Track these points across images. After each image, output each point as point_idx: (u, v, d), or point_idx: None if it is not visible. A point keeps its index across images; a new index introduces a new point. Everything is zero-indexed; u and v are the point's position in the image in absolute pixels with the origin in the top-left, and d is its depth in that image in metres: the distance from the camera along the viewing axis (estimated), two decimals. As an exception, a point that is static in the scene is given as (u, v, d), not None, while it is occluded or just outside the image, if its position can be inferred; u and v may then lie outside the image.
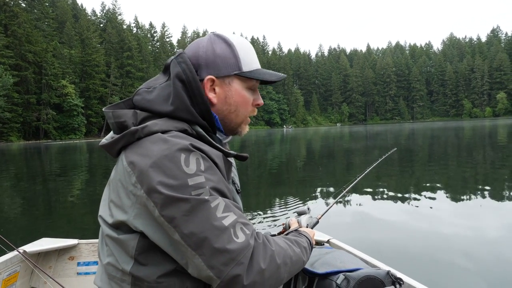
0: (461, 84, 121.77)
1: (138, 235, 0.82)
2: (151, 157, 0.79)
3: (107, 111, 0.92)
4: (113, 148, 0.89)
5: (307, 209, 1.30)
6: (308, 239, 1.04)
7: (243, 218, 0.80)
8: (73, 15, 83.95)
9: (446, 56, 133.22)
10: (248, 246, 0.76)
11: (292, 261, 0.87)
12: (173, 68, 0.91)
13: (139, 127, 0.84)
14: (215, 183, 0.80)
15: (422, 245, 3.99)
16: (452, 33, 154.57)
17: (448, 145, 17.93)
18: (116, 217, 0.84)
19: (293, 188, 8.09)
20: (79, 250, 2.31)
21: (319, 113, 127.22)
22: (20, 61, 58.85)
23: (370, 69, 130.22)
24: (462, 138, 22.76)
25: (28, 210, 6.92)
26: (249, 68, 0.95)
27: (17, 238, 4.79)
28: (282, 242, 0.89)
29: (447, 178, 8.19)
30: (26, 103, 58.63)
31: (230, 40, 0.96)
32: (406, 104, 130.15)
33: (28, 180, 11.37)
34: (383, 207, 5.78)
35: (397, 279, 1.19)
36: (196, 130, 0.88)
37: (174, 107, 0.88)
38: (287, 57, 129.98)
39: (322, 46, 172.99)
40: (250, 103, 0.99)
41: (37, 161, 19.87)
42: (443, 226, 4.64)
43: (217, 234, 0.74)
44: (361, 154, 15.36)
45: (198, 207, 0.75)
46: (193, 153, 0.80)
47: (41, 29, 68.78)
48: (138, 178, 0.79)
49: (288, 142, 29.13)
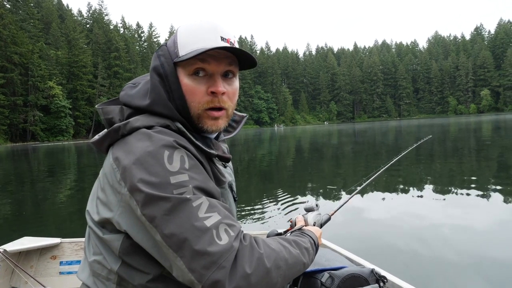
0: (446, 81, 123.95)
1: (122, 235, 0.80)
2: (135, 153, 0.77)
3: (99, 108, 0.92)
4: (102, 144, 0.88)
5: (315, 205, 1.22)
6: (311, 239, 0.97)
7: (228, 219, 0.75)
8: (59, 15, 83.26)
9: (432, 54, 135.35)
10: (231, 248, 0.71)
11: (287, 264, 0.80)
12: (153, 61, 0.89)
13: (122, 124, 0.83)
14: (200, 182, 0.76)
15: (407, 243, 4.04)
16: (437, 31, 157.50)
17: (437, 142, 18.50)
18: (101, 215, 0.82)
19: (303, 183, 8.10)
20: (62, 249, 2.27)
21: (307, 111, 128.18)
22: (6, 62, 58.33)
23: (358, 68, 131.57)
24: (449, 134, 23.10)
25: (11, 209, 6.96)
26: (186, 51, 0.85)
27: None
28: (275, 244, 0.82)
29: (437, 174, 8.38)
30: (12, 105, 58.17)
31: (179, 27, 0.90)
32: (393, 102, 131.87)
33: (14, 182, 11.62)
34: (371, 205, 5.80)
35: (381, 277, 1.20)
36: (177, 126, 0.85)
37: (150, 101, 0.85)
38: (275, 56, 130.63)
39: (309, 45, 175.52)
40: (198, 92, 0.86)
41: (24, 163, 20.09)
42: (428, 223, 4.69)
43: (197, 235, 0.70)
44: (366, 150, 15.93)
45: (179, 207, 0.72)
46: (177, 150, 0.77)
47: (27, 30, 68.22)
48: (122, 175, 0.77)
49: (285, 140, 29.82)
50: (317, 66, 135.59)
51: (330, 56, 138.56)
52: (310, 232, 1.01)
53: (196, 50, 0.84)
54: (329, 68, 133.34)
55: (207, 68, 0.86)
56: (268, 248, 0.78)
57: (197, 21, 0.89)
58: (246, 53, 0.87)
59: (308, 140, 27.38)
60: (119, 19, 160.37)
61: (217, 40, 0.86)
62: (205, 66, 0.85)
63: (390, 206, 5.76)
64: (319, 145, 21.65)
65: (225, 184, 0.94)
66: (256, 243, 0.77)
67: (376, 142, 20.65)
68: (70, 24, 78.17)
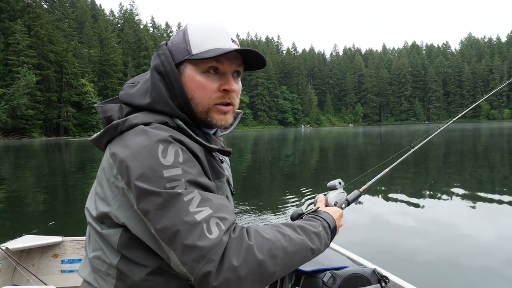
0: (479, 85, 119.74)
1: (120, 230, 0.82)
2: (130, 148, 0.79)
3: (98, 106, 0.94)
4: (100, 142, 0.90)
5: (338, 183, 1.14)
6: (325, 222, 0.94)
7: (221, 212, 0.76)
8: (92, 15, 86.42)
9: (464, 57, 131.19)
10: (220, 242, 0.72)
11: (286, 252, 0.79)
12: (153, 60, 0.91)
13: (120, 121, 0.85)
14: (193, 176, 0.78)
15: (410, 245, 4.05)
16: (470, 33, 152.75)
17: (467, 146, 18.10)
18: (99, 209, 0.84)
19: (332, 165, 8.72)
20: (63, 247, 2.28)
21: (332, 113, 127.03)
22: (42, 60, 61.19)
23: (386, 69, 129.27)
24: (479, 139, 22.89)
25: (18, 206, 7.07)
26: (200, 50, 0.88)
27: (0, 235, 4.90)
28: (271, 233, 0.80)
29: (455, 180, 8.46)
30: (47, 101, 60.92)
31: (186, 26, 0.93)
32: (422, 105, 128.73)
33: (47, 175, 12.33)
34: (375, 206, 5.86)
35: (382, 277, 1.20)
36: (177, 123, 0.87)
37: (151, 100, 0.87)
38: (301, 57, 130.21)
39: (337, 45, 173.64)
40: (209, 88, 0.90)
41: (57, 156, 21.16)
42: (433, 226, 4.71)
43: (188, 229, 0.72)
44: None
45: (170, 201, 0.74)
46: (172, 145, 0.79)
47: (62, 29, 71.27)
48: (119, 169, 0.79)
49: (317, 140, 30.55)
50: (344, 67, 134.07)
51: (358, 57, 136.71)
52: (325, 214, 0.97)
53: (215, 50, 0.87)
54: (356, 69, 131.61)
55: (220, 67, 0.89)
56: (261, 239, 0.77)
57: (206, 21, 0.93)
58: (259, 56, 0.92)
59: (340, 140, 27.97)
60: (149, 19, 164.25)
61: (228, 41, 0.90)
62: (219, 65, 0.89)
63: (395, 207, 5.82)
64: (351, 145, 21.93)
65: (223, 178, 0.95)
66: (248, 234, 0.77)
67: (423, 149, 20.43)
68: (102, 24, 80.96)
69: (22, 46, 57.75)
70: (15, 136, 52.79)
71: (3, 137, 50.46)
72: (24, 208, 6.94)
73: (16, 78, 54.75)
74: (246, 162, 14.37)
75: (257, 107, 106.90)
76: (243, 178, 9.80)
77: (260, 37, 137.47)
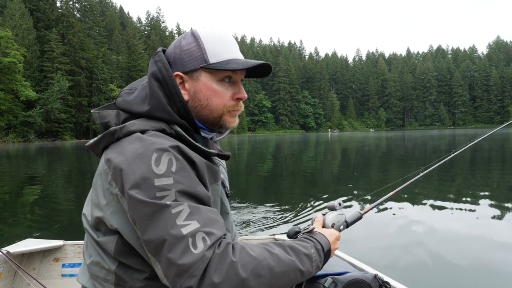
0: (507, 89, 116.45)
1: (116, 237, 0.82)
2: (125, 155, 0.78)
3: (94, 112, 0.94)
4: (97, 148, 0.90)
5: (338, 204, 1.13)
6: (318, 244, 0.91)
7: (208, 227, 0.74)
8: (121, 22, 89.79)
9: (492, 61, 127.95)
10: (203, 258, 0.70)
11: (272, 272, 0.76)
12: (150, 67, 0.91)
13: (118, 128, 0.85)
14: (185, 186, 0.76)
15: (413, 250, 4.04)
16: (498, 36, 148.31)
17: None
18: (94, 214, 0.85)
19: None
20: (65, 251, 2.26)
21: (355, 118, 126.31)
22: (75, 67, 64.23)
23: (410, 74, 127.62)
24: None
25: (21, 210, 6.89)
26: (217, 59, 0.89)
27: (1, 238, 4.82)
28: (258, 251, 0.78)
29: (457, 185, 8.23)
30: (78, 105, 63.82)
31: (198, 33, 0.92)
32: (447, 110, 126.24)
33: (75, 175, 12.56)
34: (379, 213, 5.72)
35: (384, 282, 1.19)
36: (175, 130, 0.86)
37: (150, 107, 0.87)
38: (323, 62, 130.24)
39: (359, 50, 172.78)
40: (225, 97, 0.92)
41: (85, 158, 22.49)
42: (440, 234, 4.69)
43: (173, 242, 0.71)
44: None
45: (157, 212, 0.73)
46: (166, 153, 0.78)
47: (93, 37, 74.53)
48: (113, 176, 0.79)
49: (352, 146, 30.31)
50: (367, 72, 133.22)
51: (381, 61, 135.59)
52: (320, 236, 0.96)
53: (235, 61, 0.90)
54: (379, 74, 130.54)
55: (234, 76, 0.93)
56: (247, 256, 0.75)
57: (216, 30, 0.94)
58: (270, 70, 0.97)
59: (374, 145, 27.90)
60: (175, 26, 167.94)
61: (239, 52, 0.95)
62: (233, 75, 0.92)
63: (404, 211, 5.80)
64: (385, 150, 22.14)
65: (219, 181, 0.94)
66: (233, 250, 0.75)
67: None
68: (130, 31, 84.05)
69: (56, 53, 60.92)
70: (49, 138, 55.65)
71: (38, 140, 53.34)
72: (39, 210, 6.90)
73: (50, 83, 57.74)
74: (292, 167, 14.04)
75: (279, 111, 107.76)
76: (287, 184, 9.69)
77: (282, 42, 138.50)
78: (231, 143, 37.57)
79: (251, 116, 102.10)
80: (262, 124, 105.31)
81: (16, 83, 49.93)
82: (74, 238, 2.35)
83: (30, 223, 5.94)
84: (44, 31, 63.10)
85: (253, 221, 5.46)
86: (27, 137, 51.60)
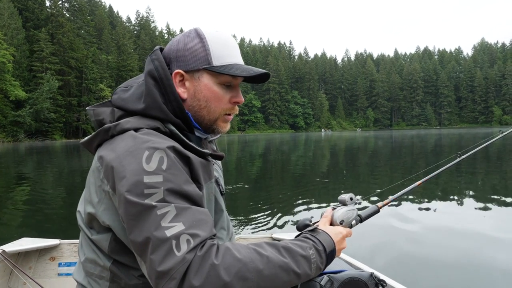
0: (491, 90, 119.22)
1: (109, 235, 0.83)
2: (117, 152, 0.79)
3: (89, 110, 0.93)
4: (91, 145, 0.90)
5: (349, 198, 1.04)
6: (320, 245, 0.87)
7: (194, 228, 0.73)
8: (110, 22, 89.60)
9: (476, 62, 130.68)
10: (183, 260, 0.69)
11: (261, 275, 0.73)
12: (147, 65, 0.91)
13: (112, 125, 0.84)
14: (175, 185, 0.76)
15: (410, 249, 4.06)
16: (483, 38, 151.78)
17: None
18: (87, 211, 0.86)
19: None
20: (61, 250, 2.24)
21: (344, 117, 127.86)
22: (64, 66, 64.16)
23: (397, 74, 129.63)
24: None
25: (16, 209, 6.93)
26: (220, 63, 0.89)
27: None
28: (246, 253, 0.75)
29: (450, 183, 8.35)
30: (68, 105, 63.77)
31: (203, 34, 0.91)
32: (434, 110, 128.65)
33: (65, 174, 12.45)
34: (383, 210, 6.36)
35: (380, 281, 1.19)
36: (170, 128, 0.86)
37: (145, 105, 0.87)
38: (313, 62, 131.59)
39: (348, 51, 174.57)
40: (223, 100, 0.92)
41: (76, 158, 22.87)
42: (440, 232, 4.71)
43: (156, 244, 0.70)
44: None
45: (143, 213, 0.72)
46: (158, 151, 0.77)
47: (82, 36, 74.37)
48: (105, 173, 0.79)
49: (345, 144, 31.21)
50: (355, 72, 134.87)
51: (369, 62, 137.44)
52: (323, 236, 0.90)
53: (239, 67, 0.91)
54: (368, 74, 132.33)
55: (233, 81, 0.93)
56: (231, 258, 0.72)
57: (220, 32, 0.94)
58: (267, 78, 0.97)
59: (372, 144, 28.75)
60: (164, 26, 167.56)
61: (240, 57, 0.95)
62: (233, 79, 0.93)
63: (404, 211, 5.84)
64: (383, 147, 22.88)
65: (213, 179, 0.94)
66: (216, 252, 0.73)
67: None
68: (120, 31, 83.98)
69: (45, 53, 60.83)
70: (39, 138, 55.66)
71: (27, 139, 53.36)
72: (30, 209, 6.97)
73: (40, 83, 57.70)
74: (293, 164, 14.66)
75: (269, 111, 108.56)
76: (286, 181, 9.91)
77: (272, 43, 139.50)
78: (221, 143, 38.19)
79: (241, 116, 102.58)
80: (252, 124, 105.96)
81: (6, 83, 49.96)
82: (71, 237, 2.33)
83: (24, 221, 5.92)
84: (33, 30, 62.97)
85: (251, 220, 5.48)
86: (16, 137, 51.66)
